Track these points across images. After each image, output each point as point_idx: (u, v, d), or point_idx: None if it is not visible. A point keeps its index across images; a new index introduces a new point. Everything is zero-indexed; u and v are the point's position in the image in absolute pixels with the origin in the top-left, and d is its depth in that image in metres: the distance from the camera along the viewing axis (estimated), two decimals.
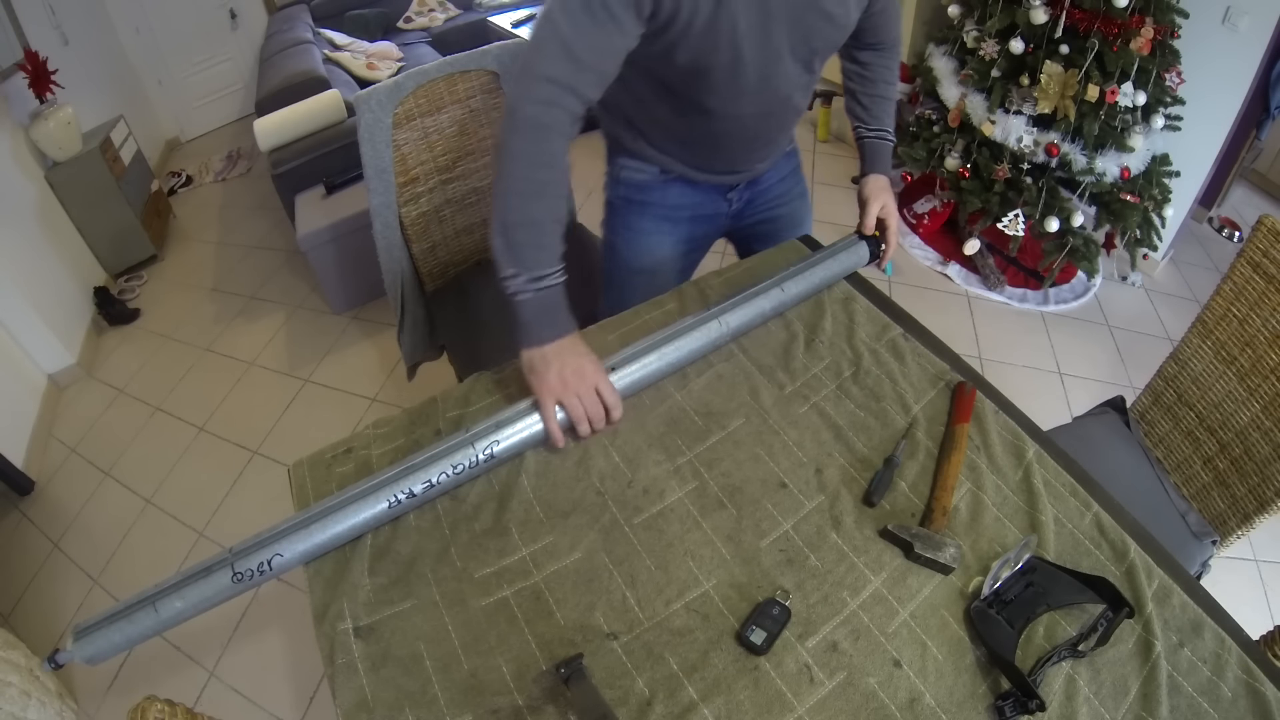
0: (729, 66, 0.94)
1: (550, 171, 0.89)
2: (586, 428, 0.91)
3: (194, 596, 0.75)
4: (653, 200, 1.22)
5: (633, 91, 1.06)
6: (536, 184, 0.89)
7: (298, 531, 0.79)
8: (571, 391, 0.89)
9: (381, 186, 1.38)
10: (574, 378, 0.89)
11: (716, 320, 1.03)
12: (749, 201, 1.29)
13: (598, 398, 0.91)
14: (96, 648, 0.73)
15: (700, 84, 0.98)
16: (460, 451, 0.86)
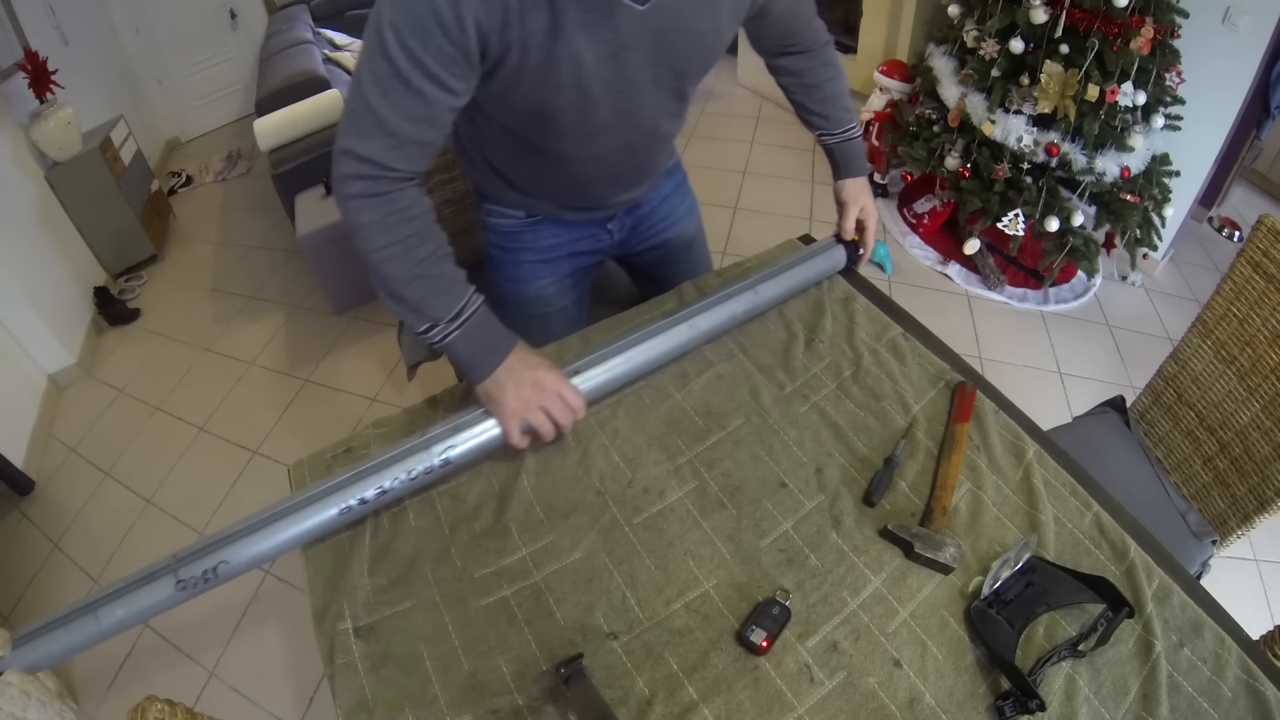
0: (576, 107, 0.83)
1: (409, 225, 0.80)
2: (553, 433, 0.88)
3: (136, 604, 0.72)
4: (524, 246, 1.13)
5: (483, 135, 0.98)
6: (402, 243, 0.80)
7: (244, 538, 0.76)
8: (534, 407, 0.85)
9: None
10: (533, 392, 0.85)
11: (686, 323, 1.01)
12: (633, 229, 1.19)
13: (562, 403, 0.86)
14: (35, 656, 0.70)
15: (547, 128, 0.87)
16: (416, 456, 0.83)
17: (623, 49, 0.79)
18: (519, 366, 0.85)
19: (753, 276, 1.10)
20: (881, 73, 2.81)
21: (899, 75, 2.78)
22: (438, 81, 0.72)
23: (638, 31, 0.78)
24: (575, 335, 1.13)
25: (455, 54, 0.71)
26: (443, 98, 0.74)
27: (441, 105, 0.75)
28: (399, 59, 0.70)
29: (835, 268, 1.18)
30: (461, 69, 0.73)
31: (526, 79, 0.78)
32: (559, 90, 0.80)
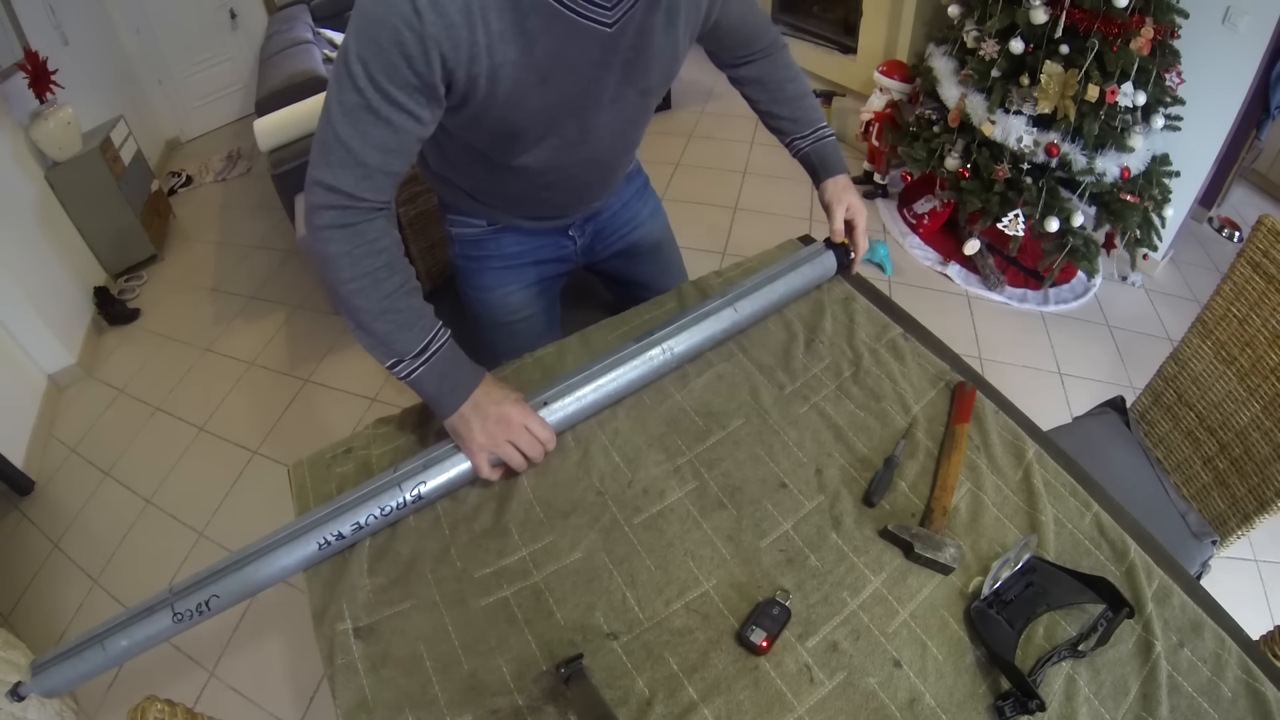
0: (544, 125, 0.85)
1: (378, 257, 0.80)
2: (523, 465, 0.88)
3: (138, 635, 0.76)
4: (487, 254, 1.13)
5: (444, 150, 0.98)
6: (370, 275, 0.80)
7: (233, 573, 0.79)
8: (502, 441, 0.85)
9: None
10: (499, 428, 0.84)
11: (659, 347, 0.99)
12: (595, 234, 1.20)
13: (530, 436, 0.86)
14: (52, 682, 0.75)
15: (513, 146, 0.88)
16: (387, 493, 0.84)
17: (594, 67, 0.80)
18: (485, 402, 0.85)
19: (732, 291, 1.06)
20: (881, 73, 2.81)
21: (899, 75, 2.78)
22: (405, 110, 0.73)
23: (605, 52, 0.79)
24: (575, 336, 1.13)
25: (420, 85, 0.72)
26: (411, 127, 0.75)
27: (410, 135, 0.76)
28: (367, 90, 0.71)
29: (826, 275, 1.15)
30: (427, 99, 0.74)
31: (496, 106, 0.79)
32: (528, 113, 0.81)
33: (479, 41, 0.71)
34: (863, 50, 3.07)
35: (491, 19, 0.71)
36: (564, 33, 0.75)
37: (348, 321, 0.83)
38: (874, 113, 2.86)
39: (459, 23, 0.69)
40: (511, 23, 0.72)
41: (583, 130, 0.89)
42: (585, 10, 0.74)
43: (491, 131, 0.85)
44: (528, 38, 0.73)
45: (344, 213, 0.77)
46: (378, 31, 0.68)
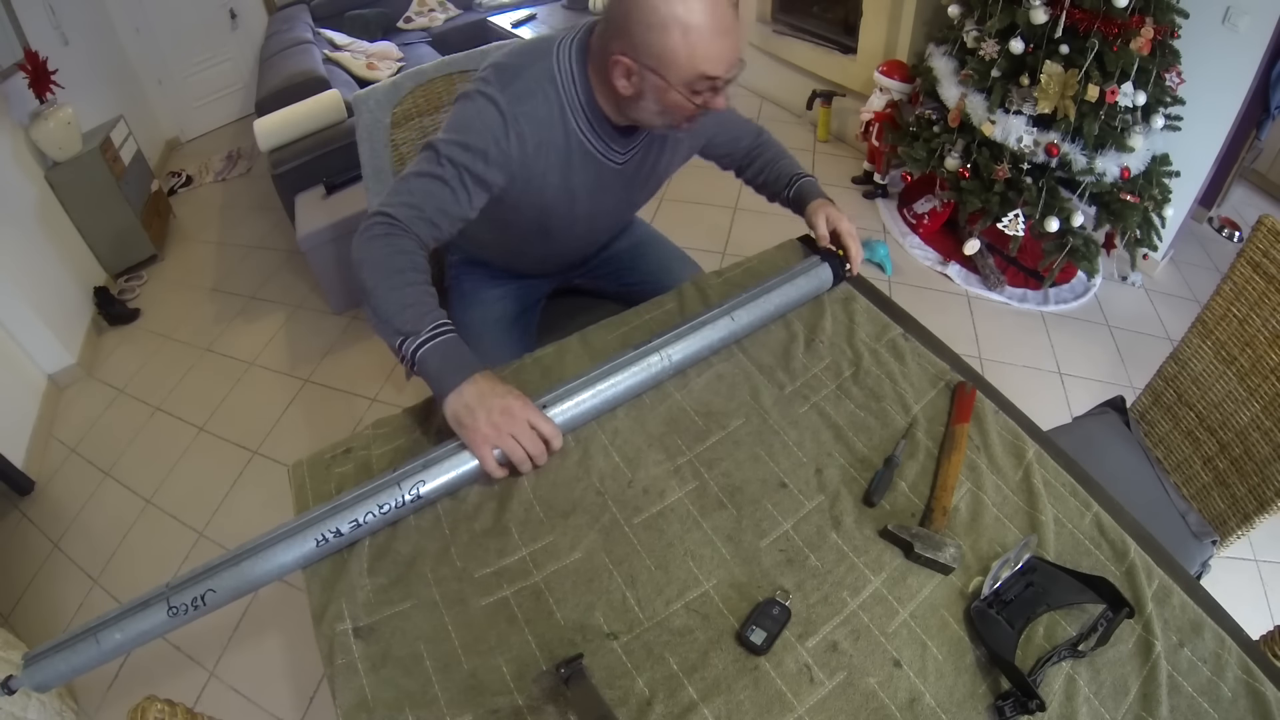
0: (564, 220, 1.12)
1: (406, 257, 0.92)
2: (529, 466, 0.88)
3: (132, 629, 0.75)
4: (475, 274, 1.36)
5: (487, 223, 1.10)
6: (397, 273, 0.91)
7: (230, 568, 0.78)
8: (505, 434, 0.85)
9: (380, 187, 1.38)
10: (504, 419, 0.85)
11: (658, 354, 0.99)
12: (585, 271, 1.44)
13: (533, 432, 0.87)
14: (44, 675, 0.74)
15: (535, 229, 1.14)
16: (386, 491, 0.83)
17: (602, 189, 1.10)
18: (488, 393, 0.86)
19: (730, 301, 1.07)
20: (881, 73, 2.81)
21: (899, 75, 2.78)
22: (465, 189, 0.97)
23: (614, 178, 1.10)
24: (575, 337, 1.13)
25: (483, 181, 0.97)
26: (464, 201, 0.97)
27: (461, 207, 0.98)
28: (447, 168, 0.95)
29: (822, 287, 1.14)
30: (484, 190, 0.99)
31: (534, 200, 1.06)
32: (556, 210, 1.09)
33: (537, 166, 1.01)
34: (863, 50, 3.07)
35: (550, 154, 1.01)
36: (593, 168, 1.06)
37: (367, 311, 0.93)
38: (874, 113, 2.86)
39: (530, 151, 0.99)
40: (561, 160, 1.02)
41: (590, 221, 1.18)
42: (609, 156, 1.06)
43: (524, 219, 1.11)
44: (569, 170, 1.04)
45: (390, 228, 0.94)
46: (473, 134, 0.96)
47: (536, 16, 3.84)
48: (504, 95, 0.95)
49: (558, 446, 0.90)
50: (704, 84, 0.90)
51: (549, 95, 0.98)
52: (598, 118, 1.01)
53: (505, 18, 3.87)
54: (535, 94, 0.97)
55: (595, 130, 1.02)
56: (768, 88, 3.78)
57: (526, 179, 1.00)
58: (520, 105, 0.96)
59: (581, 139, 1.02)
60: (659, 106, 0.94)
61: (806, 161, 3.27)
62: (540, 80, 0.97)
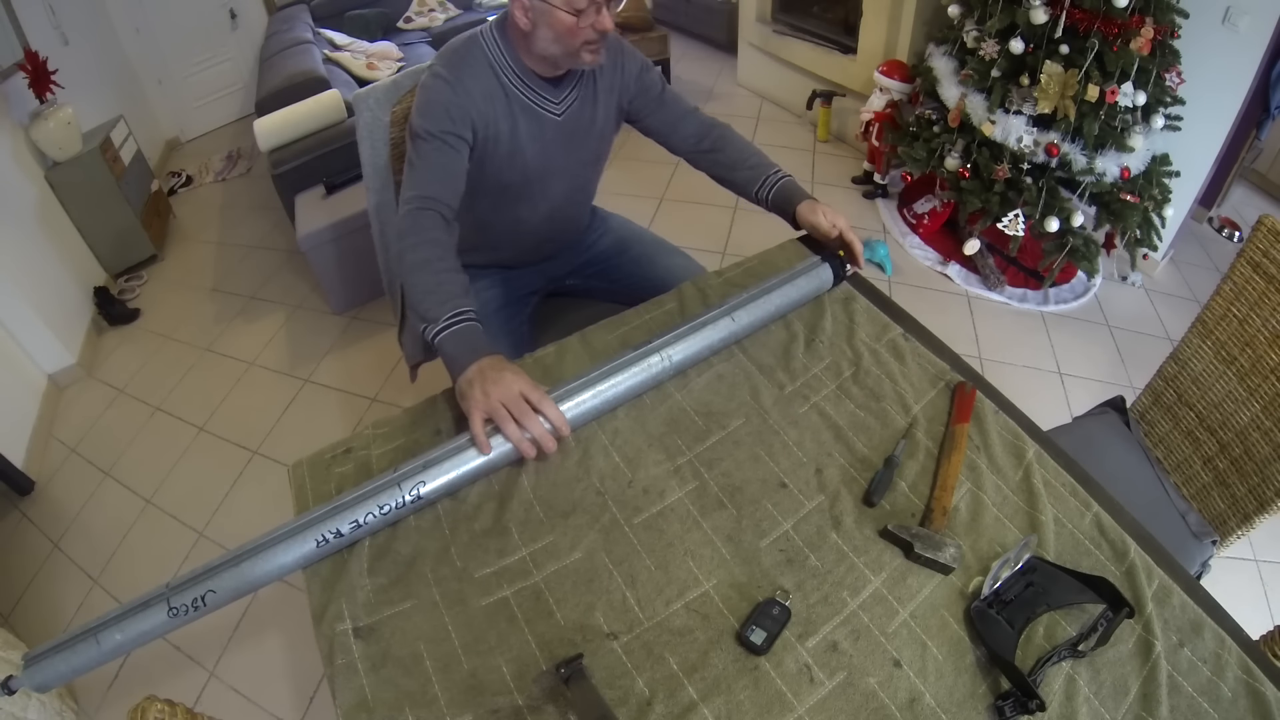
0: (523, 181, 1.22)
1: (430, 246, 1.02)
2: (529, 446, 0.87)
3: (132, 630, 0.75)
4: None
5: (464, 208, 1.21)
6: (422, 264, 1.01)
7: (230, 569, 0.78)
8: (495, 401, 0.86)
9: (380, 185, 1.38)
10: (495, 388, 0.87)
11: (659, 354, 0.99)
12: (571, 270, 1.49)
13: (528, 407, 0.87)
14: (44, 676, 0.74)
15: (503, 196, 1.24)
16: (386, 492, 0.83)
17: (547, 142, 1.20)
18: (490, 368, 0.90)
19: (730, 301, 1.07)
20: (881, 73, 2.81)
21: (899, 75, 2.78)
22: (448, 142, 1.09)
23: (556, 132, 1.20)
24: (575, 337, 1.13)
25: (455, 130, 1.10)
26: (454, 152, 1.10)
27: (457, 158, 1.10)
28: (425, 137, 1.08)
29: (822, 287, 1.14)
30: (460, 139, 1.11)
31: (492, 158, 1.17)
32: (513, 168, 1.19)
33: (487, 114, 1.13)
34: (863, 50, 3.07)
35: (496, 103, 1.14)
36: (532, 119, 1.17)
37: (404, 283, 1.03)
38: (874, 113, 2.86)
39: (479, 100, 1.12)
40: (505, 109, 1.15)
41: (544, 189, 1.26)
42: (545, 107, 1.18)
43: (490, 183, 1.20)
44: (513, 120, 1.16)
45: (414, 211, 1.05)
46: (434, 106, 1.10)
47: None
48: (445, 69, 1.12)
49: (565, 433, 0.90)
50: (584, 2, 1.01)
51: (479, 60, 1.13)
52: (525, 71, 1.14)
53: None
54: (469, 61, 1.13)
55: (526, 83, 1.15)
56: (768, 88, 3.78)
57: (485, 126, 1.13)
58: (459, 71, 1.11)
59: (517, 93, 1.15)
60: (553, 32, 1.06)
61: (806, 161, 3.28)
62: (470, 50, 1.14)
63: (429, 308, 0.97)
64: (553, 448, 0.89)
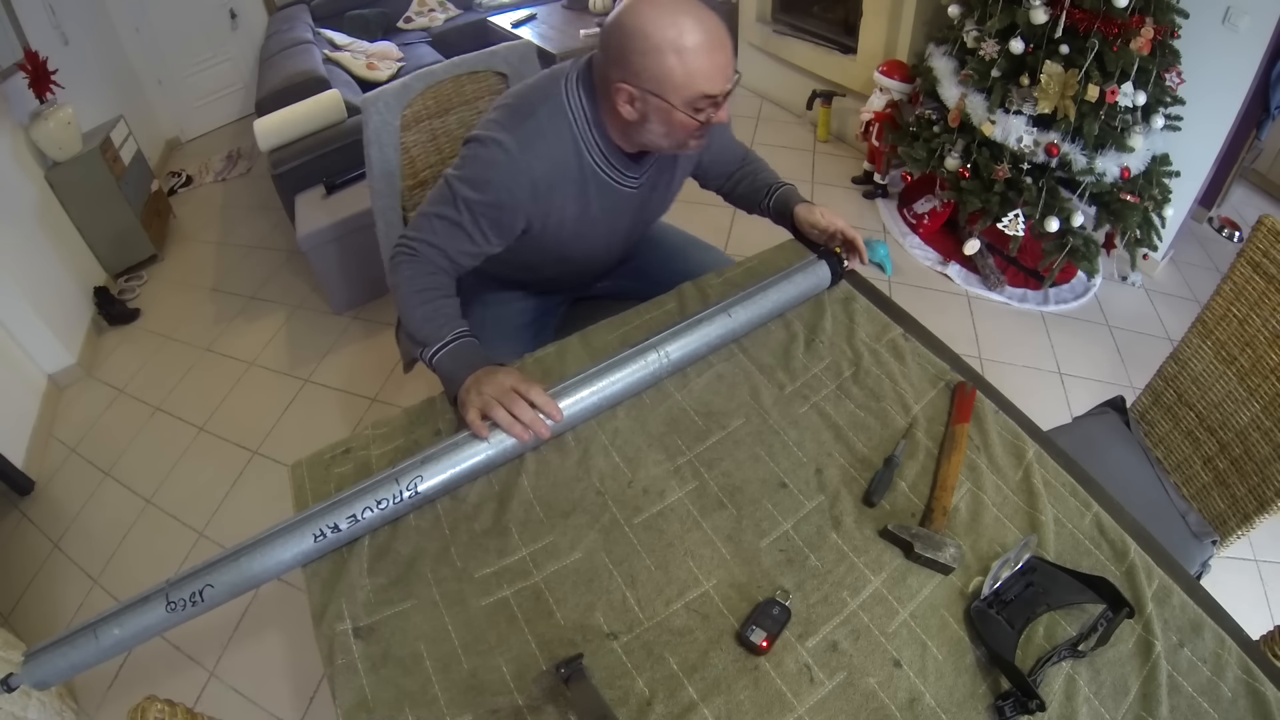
0: (586, 248, 1.17)
1: (428, 278, 1.01)
2: (520, 429, 0.88)
3: (131, 626, 0.75)
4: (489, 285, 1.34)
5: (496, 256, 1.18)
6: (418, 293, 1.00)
7: (229, 564, 0.79)
8: (488, 395, 0.88)
9: (387, 189, 1.37)
10: (488, 384, 0.89)
11: (656, 351, 0.99)
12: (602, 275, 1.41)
13: (518, 397, 0.88)
14: (44, 672, 0.74)
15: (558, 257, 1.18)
16: (384, 487, 0.84)
17: (619, 213, 1.14)
18: (484, 374, 0.92)
19: (728, 299, 1.07)
20: (881, 73, 2.81)
21: (899, 75, 2.78)
22: (484, 235, 1.02)
23: (629, 202, 1.13)
24: (575, 337, 1.13)
25: (499, 230, 1.03)
26: (482, 245, 1.04)
27: (480, 249, 1.05)
28: (464, 216, 1.00)
29: (820, 285, 1.14)
30: (500, 238, 1.04)
31: (556, 237, 1.10)
32: (578, 241, 1.13)
33: (554, 203, 1.04)
34: (863, 50, 3.06)
35: (567, 188, 1.04)
36: (606, 194, 1.08)
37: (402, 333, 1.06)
38: (874, 113, 2.86)
39: (543, 195, 1.01)
40: (577, 193, 1.05)
41: (608, 245, 1.21)
42: (624, 182, 1.09)
43: (549, 251, 1.15)
44: (585, 201, 1.07)
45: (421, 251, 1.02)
46: (487, 186, 0.98)
47: (536, 16, 3.83)
48: (515, 139, 0.97)
49: (558, 418, 0.91)
50: (704, 101, 0.92)
51: (561, 133, 1.00)
52: (610, 148, 1.04)
53: (505, 18, 3.87)
54: (548, 134, 0.99)
55: (609, 160, 1.04)
56: (768, 88, 3.78)
57: (544, 218, 1.04)
58: (532, 148, 0.97)
59: (596, 170, 1.04)
60: (664, 128, 0.96)
61: (806, 161, 3.27)
62: (553, 118, 1.00)
63: (427, 334, 0.98)
64: (545, 433, 0.89)
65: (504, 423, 0.88)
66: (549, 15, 3.87)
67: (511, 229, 1.03)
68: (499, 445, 0.89)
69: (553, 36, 3.59)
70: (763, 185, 1.29)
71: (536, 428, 0.89)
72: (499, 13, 4.08)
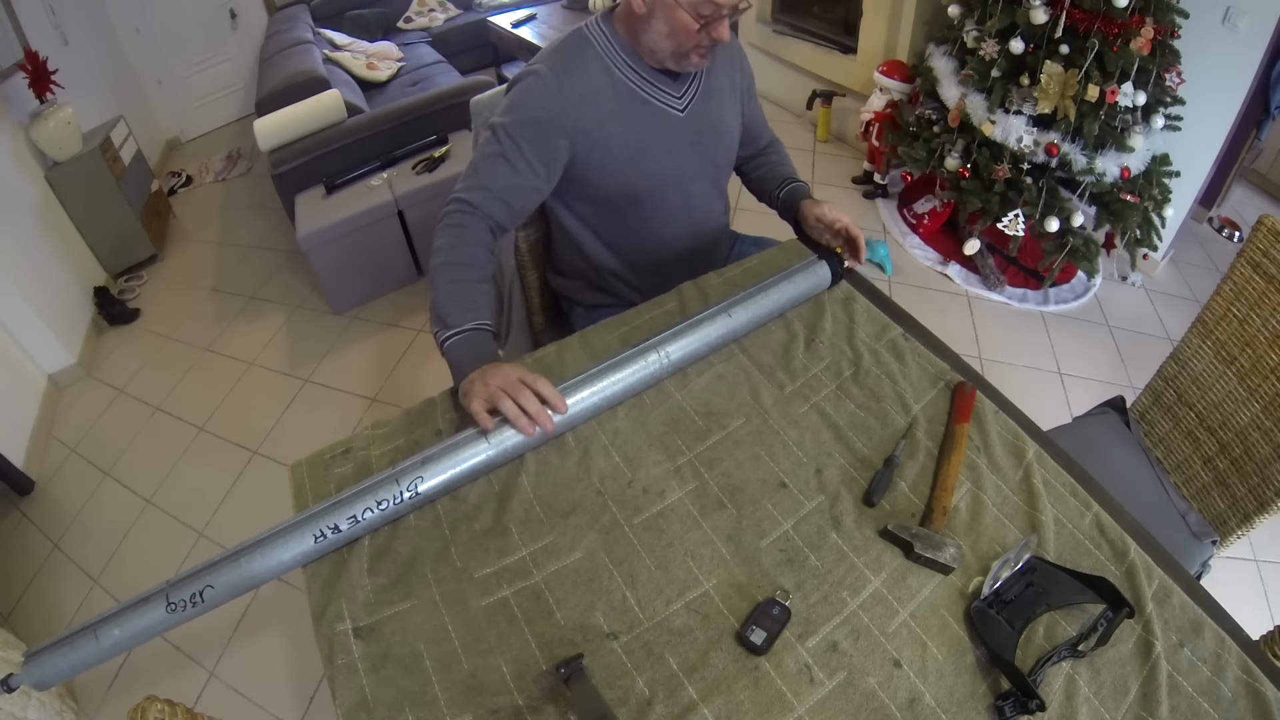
0: (652, 190, 1.15)
1: (468, 251, 1.01)
2: (526, 422, 0.88)
3: (131, 626, 0.75)
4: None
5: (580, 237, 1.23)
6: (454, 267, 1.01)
7: (229, 565, 0.78)
8: (495, 388, 0.88)
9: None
10: (494, 377, 0.89)
11: (656, 351, 0.98)
12: None
13: (524, 388, 0.88)
14: (44, 673, 0.74)
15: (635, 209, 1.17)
16: (384, 488, 0.83)
17: (676, 145, 1.13)
18: (490, 367, 0.92)
19: (728, 299, 1.07)
20: (881, 73, 2.81)
21: (899, 75, 2.78)
22: (527, 163, 1.04)
23: (682, 130, 1.13)
24: (575, 337, 1.13)
25: (540, 152, 1.05)
26: (529, 178, 1.06)
27: (527, 184, 1.06)
28: (505, 144, 1.03)
29: (820, 284, 1.14)
30: (544, 164, 1.06)
31: (608, 166, 1.10)
32: (639, 176, 1.12)
33: (592, 118, 1.06)
34: (863, 50, 3.07)
35: (602, 103, 1.06)
36: (653, 115, 1.10)
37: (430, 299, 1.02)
38: (874, 113, 2.86)
39: (576, 106, 1.04)
40: (615, 108, 1.07)
41: (683, 198, 1.20)
42: (666, 101, 1.10)
43: (614, 191, 1.14)
44: (627, 118, 1.08)
45: (464, 215, 1.03)
46: (524, 107, 1.03)
47: (536, 16, 3.83)
48: (546, 65, 1.05)
49: (563, 410, 0.91)
50: (708, 8, 0.97)
51: (587, 55, 1.07)
52: (639, 64, 1.08)
53: (505, 18, 3.87)
54: (574, 58, 1.06)
55: (641, 75, 1.08)
56: (768, 88, 3.77)
57: (587, 133, 1.06)
58: (565, 71, 1.05)
59: (630, 85, 1.08)
60: (667, 27, 1.01)
61: (806, 161, 3.27)
62: (575, 45, 1.07)
63: (448, 313, 0.97)
64: (550, 425, 0.89)
65: (510, 414, 0.87)
66: (549, 15, 3.86)
67: (554, 152, 1.05)
68: (499, 445, 0.89)
69: (552, 36, 3.59)
70: (780, 176, 1.30)
71: (541, 420, 0.88)
72: (499, 13, 4.08)
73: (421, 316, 2.57)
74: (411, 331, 2.51)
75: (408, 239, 2.63)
